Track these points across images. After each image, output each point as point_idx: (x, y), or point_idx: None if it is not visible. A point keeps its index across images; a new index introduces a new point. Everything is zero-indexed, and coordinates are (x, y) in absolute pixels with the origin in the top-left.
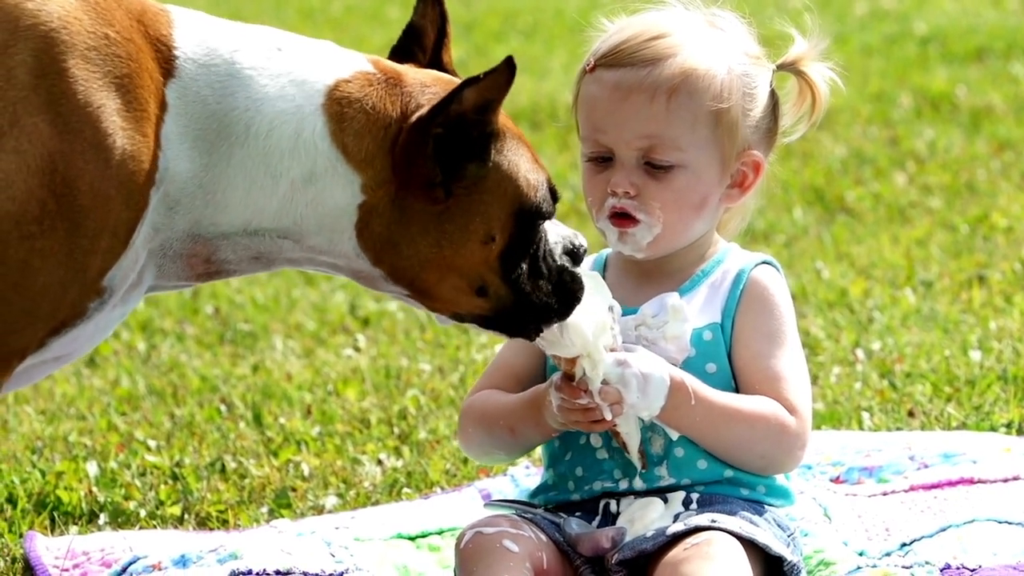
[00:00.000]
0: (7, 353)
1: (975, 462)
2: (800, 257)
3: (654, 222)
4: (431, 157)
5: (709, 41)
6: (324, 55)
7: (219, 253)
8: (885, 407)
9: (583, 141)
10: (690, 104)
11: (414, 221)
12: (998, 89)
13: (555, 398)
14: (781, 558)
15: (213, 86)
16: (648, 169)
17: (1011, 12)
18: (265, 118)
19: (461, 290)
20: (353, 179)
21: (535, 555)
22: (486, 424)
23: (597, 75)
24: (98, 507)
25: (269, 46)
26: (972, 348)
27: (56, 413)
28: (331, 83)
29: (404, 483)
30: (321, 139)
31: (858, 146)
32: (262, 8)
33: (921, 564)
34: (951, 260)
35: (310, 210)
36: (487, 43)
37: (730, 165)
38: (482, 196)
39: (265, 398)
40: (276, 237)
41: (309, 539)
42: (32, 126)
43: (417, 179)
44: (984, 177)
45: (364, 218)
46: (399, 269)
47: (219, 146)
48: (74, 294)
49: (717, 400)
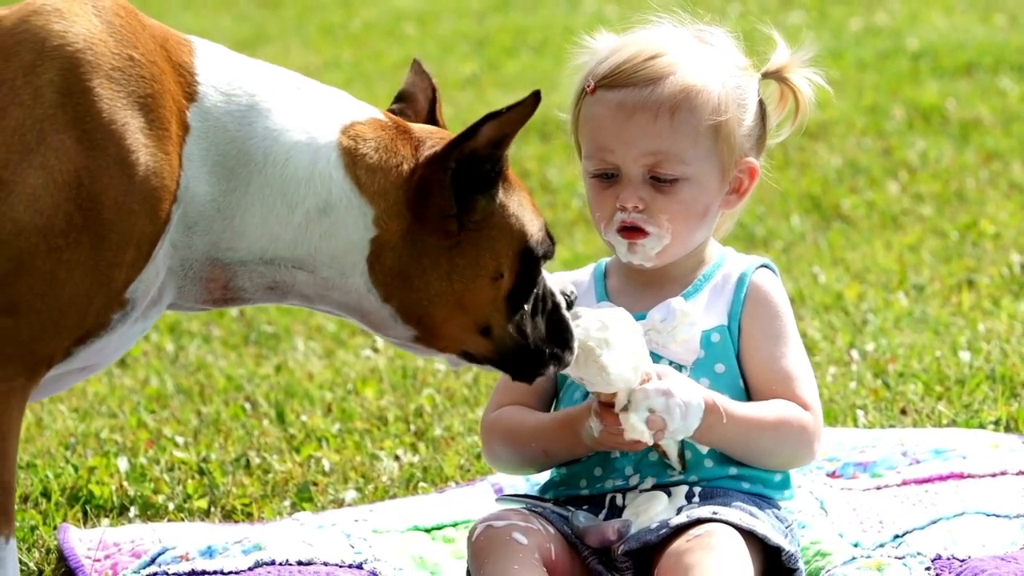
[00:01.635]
0: (35, 361)
1: (965, 458)
2: (798, 262)
3: (663, 233)
4: (448, 189)
5: (702, 57)
6: (340, 99)
7: (236, 280)
8: (879, 405)
9: (588, 159)
10: (691, 120)
11: (426, 255)
12: (986, 102)
13: (596, 425)
14: (780, 548)
15: (233, 114)
16: (654, 183)
17: (999, 28)
18: (283, 148)
19: (467, 329)
20: (367, 211)
21: (544, 547)
22: (518, 444)
23: (599, 96)
24: (128, 500)
25: (289, 84)
26: (962, 349)
27: (88, 411)
28: (347, 122)
29: (420, 478)
30: (336, 170)
31: (853, 156)
32: (285, 26)
33: (913, 555)
34: (941, 265)
35: (324, 241)
36: (499, 58)
37: (729, 174)
38: (491, 232)
39: (288, 397)
40: (291, 267)
41: (329, 531)
42: (59, 143)
43: (432, 212)
44: (973, 186)
45: (376, 251)
46: (409, 304)
47: (238, 172)
48: (99, 305)
49: (744, 414)
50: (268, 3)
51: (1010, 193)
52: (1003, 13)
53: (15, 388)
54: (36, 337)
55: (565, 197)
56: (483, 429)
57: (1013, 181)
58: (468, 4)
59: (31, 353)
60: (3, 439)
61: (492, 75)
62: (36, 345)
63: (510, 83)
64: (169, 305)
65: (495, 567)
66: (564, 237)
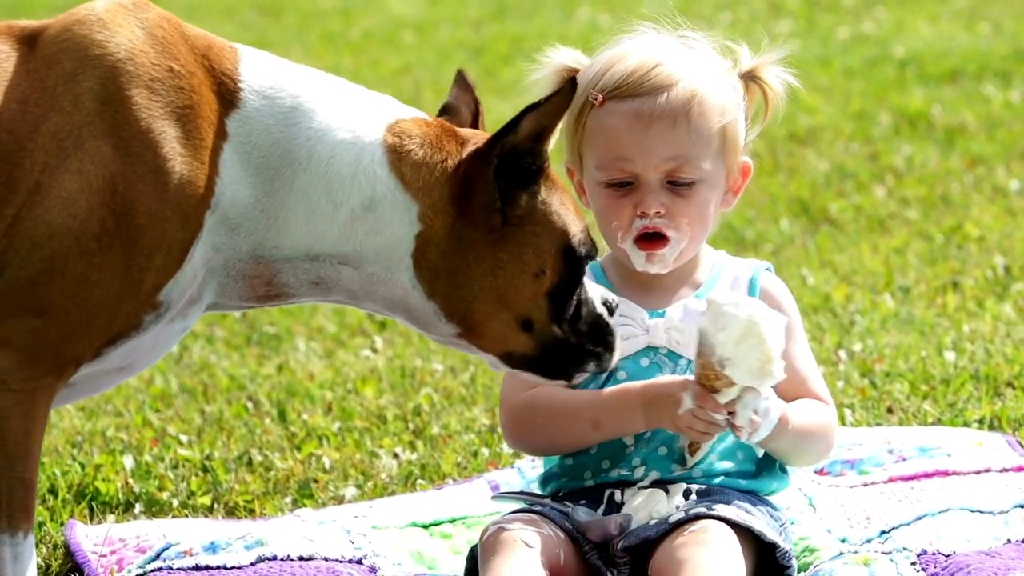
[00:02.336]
0: (63, 361)
1: (949, 455)
2: (786, 265)
3: (682, 237)
4: (491, 183)
5: (697, 62)
6: (384, 100)
7: (280, 276)
8: (866, 404)
9: (600, 169)
10: (705, 123)
11: (470, 250)
12: (971, 109)
13: (689, 403)
14: (774, 545)
15: (277, 116)
16: (672, 188)
17: (983, 37)
18: (327, 146)
19: (509, 325)
20: (411, 207)
21: (552, 552)
22: (565, 417)
23: (609, 108)
24: (134, 497)
25: (333, 86)
26: (947, 349)
27: (95, 410)
28: (391, 120)
29: (418, 475)
30: (380, 167)
31: (840, 161)
32: (286, 34)
33: (899, 550)
34: (927, 267)
35: (369, 238)
36: (495, 65)
37: (732, 173)
38: (534, 228)
39: (289, 396)
40: (336, 263)
41: (330, 527)
42: (95, 149)
43: (476, 207)
44: (958, 190)
45: (421, 247)
46: (452, 300)
47: (282, 172)
48: (129, 308)
49: (799, 423)
50: (270, 11)
51: (994, 197)
52: (987, 22)
53: (42, 387)
54: (65, 338)
55: None
56: (514, 410)
57: (997, 185)
58: (465, 13)
59: (59, 354)
60: (27, 436)
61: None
62: (65, 346)
63: (506, 90)
64: (211, 305)
65: (497, 568)
66: None
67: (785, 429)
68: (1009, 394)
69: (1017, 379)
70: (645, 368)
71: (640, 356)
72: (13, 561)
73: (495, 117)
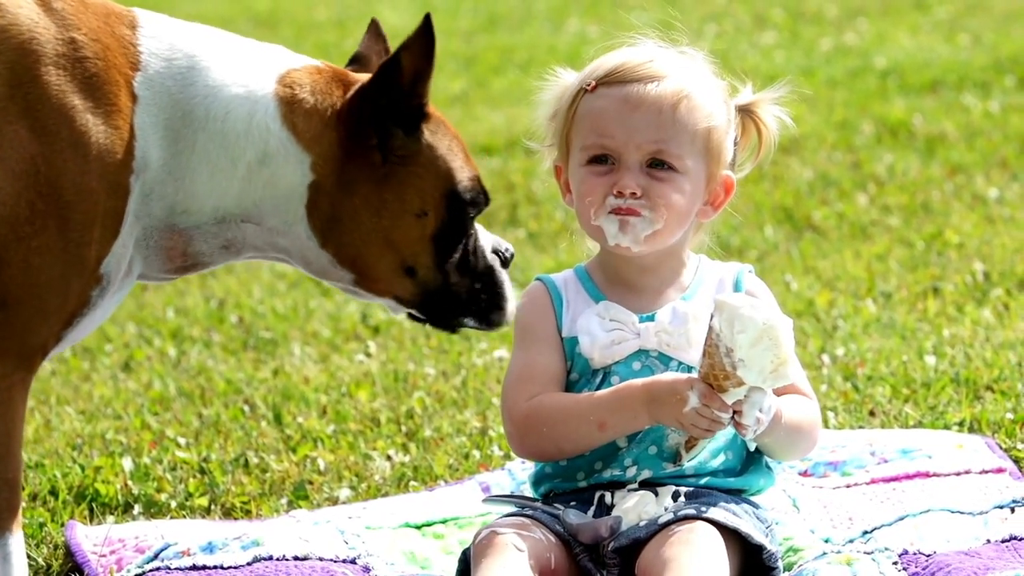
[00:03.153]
0: (29, 352)
1: (930, 457)
2: (771, 271)
3: (658, 218)
4: (367, 121)
5: (691, 68)
6: (276, 51)
7: (193, 245)
8: (848, 407)
9: (584, 149)
10: (691, 118)
11: (357, 193)
12: (951, 118)
13: (695, 401)
14: (761, 547)
15: (175, 77)
16: (650, 171)
17: (963, 48)
18: (221, 103)
19: (394, 269)
20: (303, 159)
21: (543, 556)
22: (569, 422)
23: (600, 92)
24: (133, 499)
25: (225, 42)
26: (927, 353)
27: (94, 413)
28: (282, 71)
29: (411, 477)
30: (272, 120)
31: (824, 170)
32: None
33: (881, 550)
34: (908, 273)
35: (267, 191)
36: (486, 76)
37: (713, 182)
38: (416, 169)
39: (284, 399)
40: (240, 222)
41: (324, 527)
42: (12, 133)
43: (357, 145)
44: (938, 198)
45: (313, 197)
46: (344, 247)
47: (184, 133)
48: (78, 285)
49: (791, 419)
50: (266, 23)
51: (973, 205)
52: (966, 33)
53: (15, 383)
54: (25, 327)
55: (549, 209)
56: (518, 420)
57: (976, 193)
58: (457, 24)
59: (24, 344)
60: (8, 436)
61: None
62: (27, 335)
63: (497, 100)
64: (140, 275)
65: (487, 567)
66: (548, 247)
67: (779, 424)
68: (988, 397)
69: (996, 383)
70: (637, 371)
71: (632, 360)
72: (2, 561)
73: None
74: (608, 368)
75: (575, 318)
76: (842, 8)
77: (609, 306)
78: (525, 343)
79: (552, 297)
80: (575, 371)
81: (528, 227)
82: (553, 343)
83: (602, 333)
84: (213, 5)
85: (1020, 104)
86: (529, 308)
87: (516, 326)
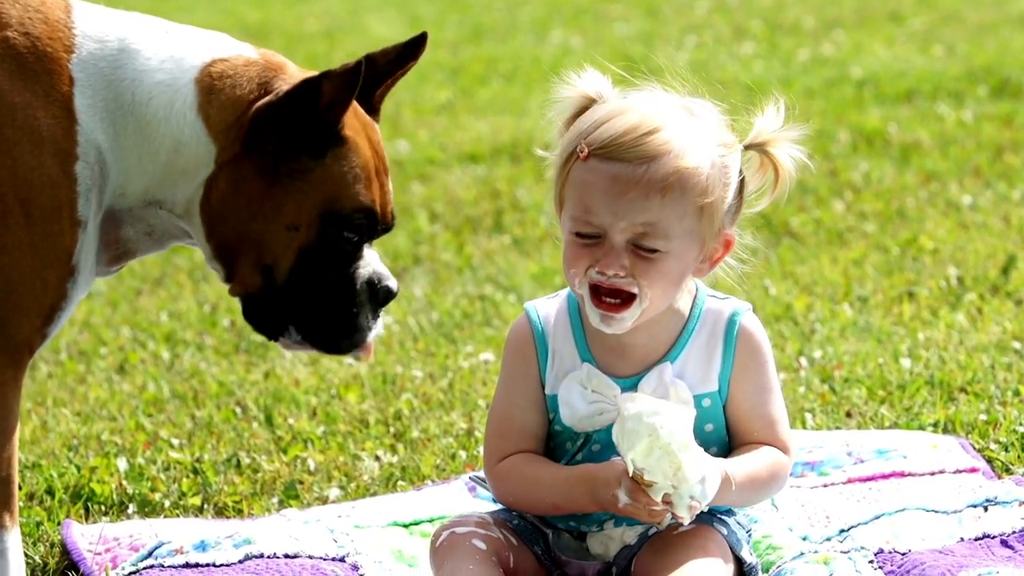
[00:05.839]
0: (15, 348)
1: (905, 457)
2: (750, 276)
3: (642, 298)
4: (272, 129)
5: (693, 135)
6: (209, 39)
7: (123, 229)
8: (826, 409)
9: (572, 219)
10: (681, 200)
11: (242, 193)
12: (925, 127)
13: (624, 499)
14: (741, 559)
15: (108, 59)
16: (636, 251)
17: (937, 59)
18: (146, 88)
19: (251, 266)
20: (211, 149)
21: (502, 554)
22: (529, 496)
23: (592, 165)
24: (127, 498)
25: (158, 28)
26: (903, 356)
27: (90, 415)
28: (208, 60)
29: (399, 476)
30: (190, 110)
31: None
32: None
33: (857, 548)
34: (884, 278)
35: (181, 179)
36: (472, 86)
37: (707, 247)
38: (302, 186)
39: (275, 401)
40: (160, 208)
41: (314, 526)
42: None
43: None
44: (913, 205)
45: (207, 192)
46: (222, 243)
47: (117, 116)
48: (53, 278)
49: (746, 475)
50: (256, 34)
51: (947, 211)
52: (940, 44)
53: (7, 381)
54: (7, 323)
55: (533, 215)
56: (493, 476)
57: (950, 200)
58: (443, 35)
59: (8, 341)
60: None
61: (466, 101)
62: (10, 332)
63: (483, 109)
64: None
65: (453, 567)
66: (532, 252)
67: (729, 488)
68: (962, 399)
69: (970, 385)
70: None
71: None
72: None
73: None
74: (589, 434)
75: (559, 376)
76: (819, 19)
77: (592, 374)
78: (507, 389)
79: (536, 344)
80: (558, 424)
81: (513, 233)
82: (534, 397)
83: (583, 405)
84: (205, 16)
85: (993, 113)
86: (513, 351)
87: (503, 360)
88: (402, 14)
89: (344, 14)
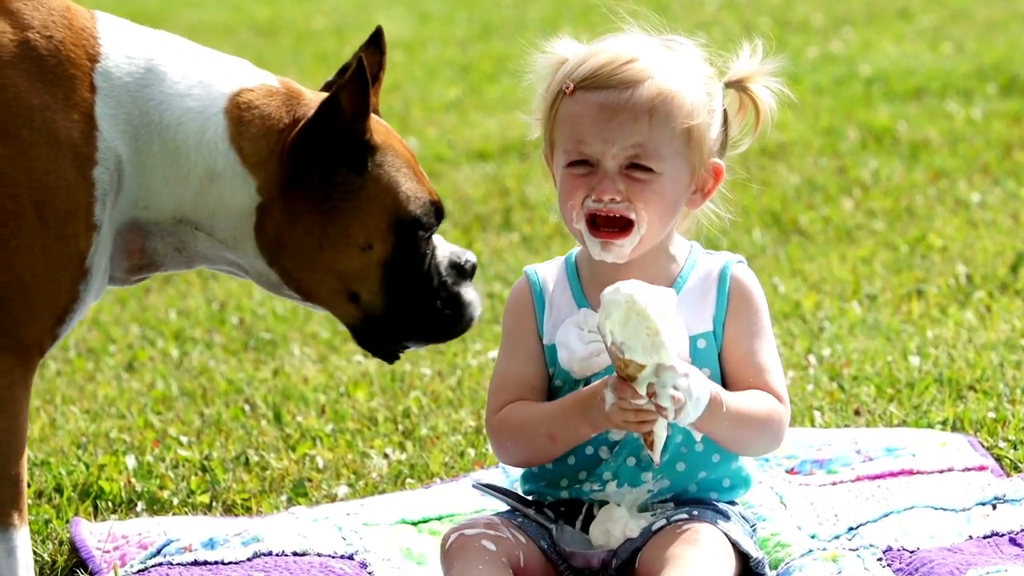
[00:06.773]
0: (26, 348)
1: (914, 455)
2: (759, 273)
3: (640, 223)
4: (310, 161)
5: (673, 63)
6: (234, 66)
7: (150, 241)
8: (834, 406)
9: (564, 153)
10: (668, 122)
11: (300, 223)
12: (934, 124)
13: (611, 397)
14: (747, 555)
15: (134, 75)
16: (629, 174)
17: (946, 56)
18: (175, 113)
19: (337, 296)
20: (249, 181)
21: (512, 554)
22: (526, 435)
23: (578, 97)
24: (136, 496)
25: (185, 50)
26: (911, 354)
27: (99, 412)
28: (235, 89)
29: (407, 474)
30: (221, 140)
31: (810, 175)
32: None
33: (866, 546)
34: (893, 276)
35: (219, 206)
36: (481, 83)
37: (698, 173)
38: (360, 204)
39: (284, 399)
40: (194, 229)
41: (323, 524)
42: None
43: (301, 182)
44: (922, 202)
45: (260, 219)
46: (287, 271)
47: (142, 132)
48: (65, 280)
49: (739, 407)
50: (266, 32)
51: (956, 209)
52: (950, 42)
53: (16, 380)
54: (18, 323)
55: (543, 213)
56: (491, 430)
57: (959, 198)
58: (453, 33)
59: (20, 341)
60: (11, 434)
61: (475, 99)
62: (21, 332)
63: (491, 106)
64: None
65: (463, 569)
66: (541, 249)
67: (719, 411)
68: (971, 397)
69: (979, 382)
70: None
71: (611, 369)
72: (7, 556)
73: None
74: (588, 379)
75: (556, 324)
76: (828, 17)
77: (588, 315)
78: (506, 348)
79: (534, 299)
80: (558, 377)
81: (522, 231)
82: (532, 351)
83: (580, 346)
84: (215, 13)
85: (1002, 111)
86: (512, 310)
87: (502, 326)
88: (411, 11)
89: (353, 11)
